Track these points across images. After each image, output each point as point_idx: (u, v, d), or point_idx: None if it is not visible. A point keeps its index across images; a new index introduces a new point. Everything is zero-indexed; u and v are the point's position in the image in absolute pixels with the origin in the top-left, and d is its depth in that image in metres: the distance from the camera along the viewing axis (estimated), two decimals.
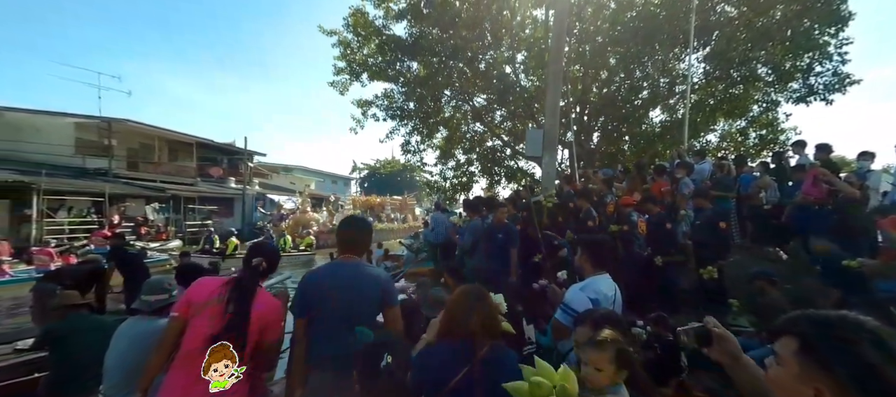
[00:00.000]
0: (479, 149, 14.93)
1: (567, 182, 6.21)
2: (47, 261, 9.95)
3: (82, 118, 16.87)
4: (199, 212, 19.95)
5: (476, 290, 1.68)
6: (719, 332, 1.06)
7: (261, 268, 1.89)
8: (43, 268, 9.55)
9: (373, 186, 41.96)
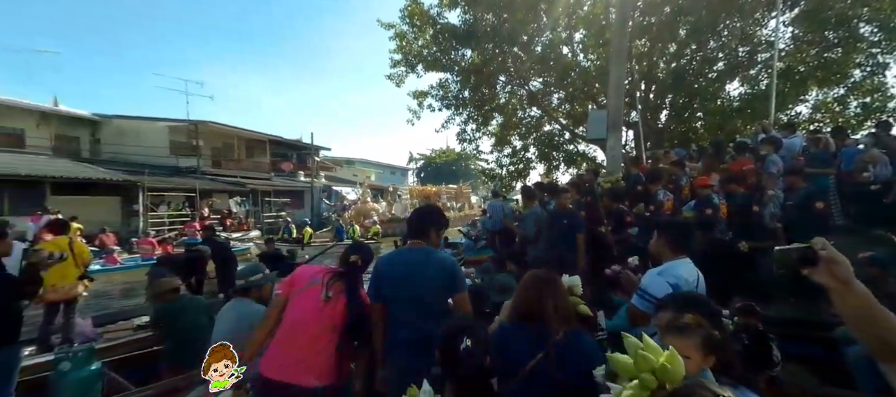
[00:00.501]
0: (536, 134, 14.53)
1: (634, 164, 5.86)
2: (150, 250, 11.39)
3: (173, 122, 18.97)
4: (273, 204, 21.66)
5: (546, 275, 1.67)
6: (829, 254, 0.94)
7: (358, 264, 2.06)
8: (147, 256, 10.97)
9: (429, 176, 42.70)
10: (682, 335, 1.31)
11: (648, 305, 1.99)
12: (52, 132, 16.84)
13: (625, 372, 1.13)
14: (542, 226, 4.71)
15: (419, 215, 2.15)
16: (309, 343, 1.89)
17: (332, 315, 1.94)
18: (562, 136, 14.46)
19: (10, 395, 2.78)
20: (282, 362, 1.87)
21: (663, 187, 4.74)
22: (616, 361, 1.15)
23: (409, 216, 2.25)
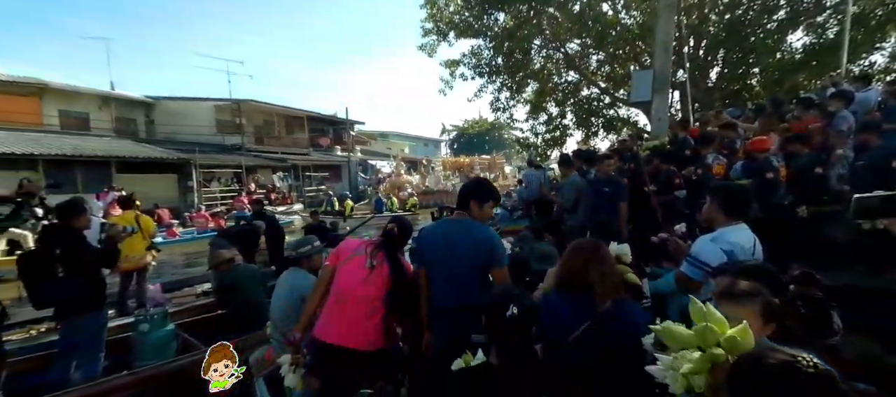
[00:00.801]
0: (573, 99, 13.97)
1: (682, 127, 5.50)
2: (204, 223, 12.22)
3: (218, 101, 19.83)
4: (313, 178, 22.45)
5: (592, 244, 1.63)
6: None
7: (395, 232, 2.15)
8: (202, 229, 11.79)
9: (462, 147, 42.47)
10: (739, 302, 1.26)
11: (699, 273, 1.93)
12: (113, 114, 18.10)
13: (678, 342, 1.10)
14: (581, 195, 4.60)
15: (464, 187, 2.16)
16: (357, 310, 2.01)
17: (376, 283, 2.04)
18: (601, 101, 13.82)
19: (102, 351, 3.14)
20: (333, 327, 2.01)
21: (715, 151, 4.46)
22: (670, 332, 1.12)
23: (444, 188, 2.29)
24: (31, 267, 2.94)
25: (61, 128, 16.05)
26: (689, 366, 1.00)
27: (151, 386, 3.13)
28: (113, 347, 3.44)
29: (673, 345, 1.13)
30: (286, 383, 2.13)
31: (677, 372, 1.02)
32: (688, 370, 1.00)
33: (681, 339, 1.10)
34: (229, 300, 3.92)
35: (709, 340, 1.02)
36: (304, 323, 2.15)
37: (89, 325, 3.05)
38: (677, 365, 1.06)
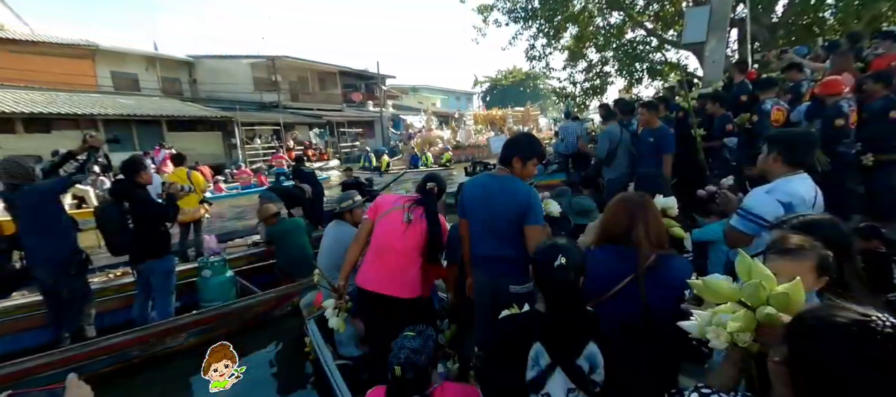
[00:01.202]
0: (616, 43, 13.00)
1: (739, 70, 5.01)
2: (247, 179, 12.82)
3: (254, 58, 20.13)
4: (347, 134, 22.78)
5: (638, 198, 1.57)
6: None
7: (434, 191, 2.22)
8: (245, 184, 12.39)
9: (495, 99, 41.25)
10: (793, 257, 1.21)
11: (753, 226, 1.83)
12: (159, 74, 18.88)
13: (719, 297, 1.07)
14: (618, 146, 4.41)
15: (508, 143, 2.13)
16: (396, 260, 2.12)
17: (414, 236, 2.14)
18: (647, 44, 12.79)
19: (173, 293, 3.50)
20: (374, 276, 2.13)
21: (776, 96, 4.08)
22: (711, 287, 1.09)
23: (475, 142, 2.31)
24: (106, 218, 3.25)
25: (115, 88, 16.99)
26: (736, 324, 0.98)
27: (217, 324, 3.51)
28: (182, 289, 3.85)
29: (713, 300, 1.10)
30: (330, 325, 2.31)
31: (719, 327, 1.00)
32: (735, 328, 0.98)
33: (721, 294, 1.07)
34: (279, 250, 4.20)
35: (759, 297, 0.99)
36: (345, 272, 2.29)
37: (159, 270, 3.38)
38: (717, 320, 1.04)
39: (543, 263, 1.25)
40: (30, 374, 2.67)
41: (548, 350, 1.18)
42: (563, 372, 1.16)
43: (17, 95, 12.81)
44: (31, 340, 3.22)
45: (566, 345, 1.20)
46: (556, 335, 1.20)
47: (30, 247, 3.05)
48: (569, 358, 1.18)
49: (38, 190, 2.91)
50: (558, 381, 1.15)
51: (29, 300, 3.52)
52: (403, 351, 1.53)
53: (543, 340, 1.19)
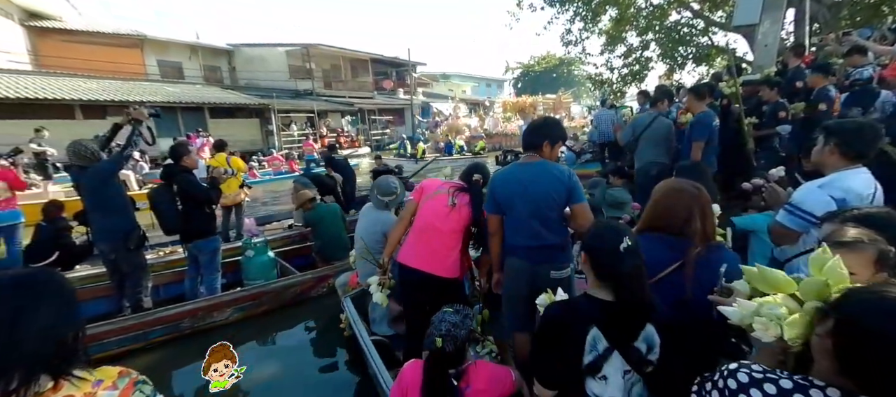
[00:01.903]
0: (658, 26, 12.37)
1: (795, 55, 4.66)
2: (279, 164, 13.23)
3: (289, 46, 20.62)
4: (378, 122, 23.06)
5: (693, 190, 1.48)
6: None
7: (480, 183, 2.24)
8: (277, 171, 12.81)
9: (527, 86, 40.37)
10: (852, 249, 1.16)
11: (800, 222, 1.74)
12: (201, 63, 19.71)
13: (772, 288, 1.04)
14: (641, 133, 4.24)
15: (536, 127, 2.10)
16: (438, 241, 2.18)
17: (457, 219, 2.18)
18: (693, 27, 12.10)
19: (219, 270, 3.73)
20: (416, 254, 2.20)
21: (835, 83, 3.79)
22: (765, 276, 1.06)
23: (503, 131, 2.28)
24: (157, 199, 3.48)
25: (161, 76, 17.91)
26: (794, 330, 0.94)
27: (259, 301, 3.72)
28: (227, 267, 4.11)
29: (764, 289, 1.07)
30: (375, 299, 2.41)
31: (770, 321, 0.98)
32: (793, 333, 0.95)
33: (778, 285, 1.04)
34: (316, 234, 4.37)
35: (821, 294, 0.96)
36: (390, 250, 2.40)
37: (206, 249, 3.61)
38: (766, 311, 1.01)
39: (609, 250, 1.18)
40: (94, 340, 2.93)
41: (606, 334, 1.17)
42: (620, 355, 1.16)
43: (75, 83, 13.75)
44: (98, 308, 3.53)
45: (627, 330, 1.19)
46: (620, 321, 1.18)
47: (94, 223, 3.32)
48: (628, 341, 1.18)
49: (100, 170, 3.14)
50: (615, 363, 1.16)
51: (96, 271, 3.84)
52: (444, 323, 1.59)
53: (602, 326, 1.17)
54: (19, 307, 0.77)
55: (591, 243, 1.27)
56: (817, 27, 9.10)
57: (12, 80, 12.30)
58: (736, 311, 1.04)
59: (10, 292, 0.78)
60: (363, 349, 2.30)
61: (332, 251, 4.16)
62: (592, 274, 1.25)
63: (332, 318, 3.48)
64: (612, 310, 1.19)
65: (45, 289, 0.82)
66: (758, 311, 1.02)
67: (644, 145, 4.15)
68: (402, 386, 1.62)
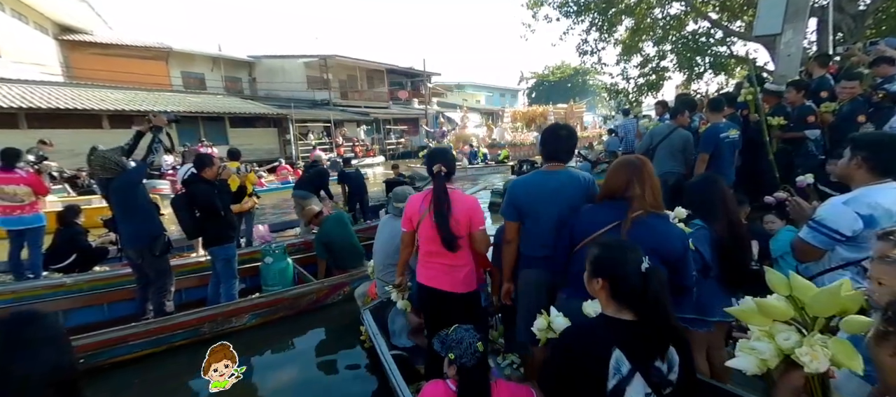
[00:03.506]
0: (675, 35, 12.26)
1: (820, 64, 4.56)
2: (286, 175, 13.34)
3: (307, 58, 21.10)
4: (393, 131, 23.30)
5: (636, 160, 1.76)
6: None
7: (442, 172, 2.10)
8: (283, 180, 12.88)
9: (541, 96, 40.32)
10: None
11: (825, 240, 1.69)
12: (222, 74, 20.31)
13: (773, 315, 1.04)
14: (658, 143, 4.19)
15: (555, 137, 2.07)
16: (444, 260, 2.12)
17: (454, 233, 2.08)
18: (711, 36, 11.95)
19: (236, 277, 3.79)
20: (429, 274, 2.18)
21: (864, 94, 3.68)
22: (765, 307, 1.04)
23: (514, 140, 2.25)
24: (176, 206, 3.59)
25: (184, 87, 18.49)
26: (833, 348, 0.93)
27: (276, 307, 3.77)
28: (246, 273, 4.21)
29: (762, 323, 1.06)
30: (398, 306, 2.47)
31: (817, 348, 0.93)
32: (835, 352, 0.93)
33: (777, 313, 1.03)
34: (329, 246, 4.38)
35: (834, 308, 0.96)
36: (400, 270, 2.44)
37: (221, 256, 3.68)
38: (786, 342, 0.98)
39: (632, 274, 1.15)
40: (117, 343, 3.01)
41: (628, 356, 1.12)
42: (641, 377, 1.12)
43: (103, 94, 14.29)
44: (123, 310, 3.64)
45: (654, 351, 1.14)
46: (645, 343, 1.14)
47: (122, 230, 3.43)
48: (650, 363, 1.14)
49: (125, 179, 3.26)
50: (636, 387, 1.12)
51: (122, 273, 3.97)
52: (471, 346, 1.58)
53: (625, 347, 1.12)
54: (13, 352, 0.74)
55: (610, 269, 1.19)
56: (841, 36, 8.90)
57: (45, 91, 12.86)
58: (746, 361, 1.03)
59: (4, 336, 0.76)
60: (383, 364, 2.30)
61: (345, 259, 4.21)
62: (611, 299, 1.19)
63: (348, 325, 3.50)
64: (637, 331, 1.14)
65: (39, 334, 0.79)
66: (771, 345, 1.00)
67: (661, 155, 4.10)
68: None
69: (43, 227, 4.61)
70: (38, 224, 4.55)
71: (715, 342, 2.13)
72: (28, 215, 4.48)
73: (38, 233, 4.56)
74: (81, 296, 3.76)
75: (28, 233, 4.49)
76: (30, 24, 14.73)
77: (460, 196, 2.14)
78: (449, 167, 2.13)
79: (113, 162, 3.27)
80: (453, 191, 2.13)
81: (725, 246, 1.91)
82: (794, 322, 1.01)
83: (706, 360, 2.11)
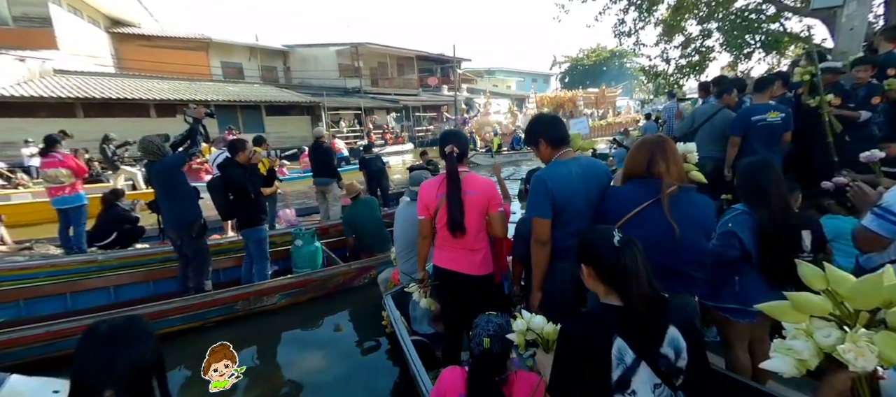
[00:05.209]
0: (722, 13, 11.41)
1: (888, 38, 4.08)
2: (307, 162, 13.51)
3: (339, 46, 21.37)
4: (423, 118, 23.31)
5: (656, 138, 1.70)
6: None
7: (454, 153, 2.04)
8: (305, 168, 13.05)
9: (575, 80, 38.99)
10: None
11: (892, 228, 1.52)
12: (259, 64, 20.94)
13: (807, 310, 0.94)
14: (701, 124, 3.93)
15: (555, 124, 1.94)
16: (463, 242, 2.08)
17: (470, 219, 2.03)
18: (761, 12, 11.06)
19: (267, 258, 3.92)
20: (447, 256, 2.15)
21: None
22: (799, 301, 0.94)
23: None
24: (211, 189, 3.73)
25: (224, 77, 19.22)
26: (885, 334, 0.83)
27: (304, 288, 3.88)
28: (278, 255, 4.38)
29: (796, 320, 0.97)
30: (422, 305, 2.43)
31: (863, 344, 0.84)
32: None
33: (812, 308, 0.93)
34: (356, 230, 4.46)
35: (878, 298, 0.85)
36: (421, 265, 2.36)
37: (252, 237, 3.81)
38: (824, 339, 0.89)
39: (606, 251, 1.13)
40: (160, 317, 3.20)
41: (630, 344, 1.07)
42: (647, 366, 1.07)
43: (150, 84, 15.11)
44: (168, 287, 3.89)
45: (649, 335, 1.09)
46: (639, 326, 1.09)
47: (164, 212, 3.63)
48: (654, 349, 1.09)
49: (167, 164, 3.43)
50: (643, 377, 1.07)
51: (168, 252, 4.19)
52: (491, 324, 1.55)
53: (624, 335, 1.08)
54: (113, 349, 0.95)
55: (587, 252, 1.20)
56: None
57: (98, 81, 13.74)
58: (784, 363, 0.93)
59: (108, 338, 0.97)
60: (404, 350, 2.31)
61: (372, 243, 4.27)
62: (600, 283, 1.17)
63: (374, 308, 3.56)
64: (628, 315, 1.10)
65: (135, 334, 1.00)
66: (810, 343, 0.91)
67: (701, 138, 3.86)
68: (441, 392, 1.60)
69: (83, 206, 5.00)
70: (78, 202, 4.93)
71: (758, 334, 1.99)
72: (69, 195, 4.86)
73: (79, 211, 4.95)
74: (130, 273, 4.01)
75: (71, 212, 4.89)
76: (84, 18, 15.71)
77: (475, 178, 2.08)
78: (462, 148, 2.07)
79: (155, 145, 3.44)
80: (468, 174, 2.09)
81: (768, 234, 1.76)
82: (834, 317, 0.91)
83: (747, 353, 1.99)
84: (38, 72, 12.77)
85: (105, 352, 0.94)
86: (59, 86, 12.32)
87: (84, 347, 0.94)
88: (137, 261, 4.29)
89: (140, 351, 0.97)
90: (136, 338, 0.99)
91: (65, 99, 11.88)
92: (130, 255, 4.41)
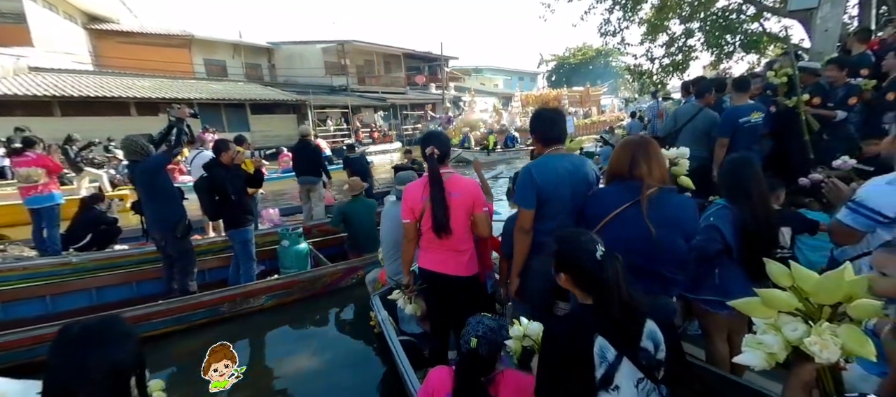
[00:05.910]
0: (704, 13, 11.66)
1: (860, 40, 4.24)
2: (287, 162, 13.23)
3: (325, 43, 21.14)
4: (410, 117, 23.22)
5: (639, 139, 1.74)
6: None
7: (434, 155, 2.05)
8: (285, 168, 12.83)
9: (561, 79, 39.30)
10: None
11: (866, 222, 1.60)
12: (243, 61, 20.58)
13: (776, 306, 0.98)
14: (682, 125, 4.01)
15: (554, 121, 2.00)
16: (448, 243, 2.08)
17: (456, 219, 2.04)
18: (741, 12, 11.33)
19: (253, 259, 3.87)
20: (433, 259, 2.15)
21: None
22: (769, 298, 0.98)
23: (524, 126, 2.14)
24: (197, 190, 3.67)
25: (207, 74, 18.84)
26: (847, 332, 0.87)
27: (291, 289, 3.84)
28: (265, 255, 4.31)
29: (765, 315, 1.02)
30: (407, 312, 2.45)
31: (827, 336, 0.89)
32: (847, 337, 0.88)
33: (779, 303, 0.97)
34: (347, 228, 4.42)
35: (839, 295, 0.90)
36: (406, 269, 2.34)
37: (237, 238, 3.74)
38: (793, 332, 0.93)
39: (590, 263, 1.16)
40: (143, 320, 3.13)
41: (611, 342, 1.11)
42: (629, 361, 1.10)
43: (130, 82, 14.72)
44: (151, 289, 3.80)
45: (628, 331, 1.13)
46: (617, 323, 1.12)
47: (147, 212, 3.56)
48: (634, 344, 1.12)
49: (151, 163, 3.36)
50: (626, 372, 1.10)
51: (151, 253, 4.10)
52: (481, 325, 1.56)
53: (604, 333, 1.11)
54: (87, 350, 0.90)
55: (567, 262, 1.23)
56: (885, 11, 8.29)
57: (76, 79, 13.33)
58: (754, 356, 0.98)
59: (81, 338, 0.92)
60: (391, 350, 2.31)
61: (362, 243, 4.25)
62: (577, 289, 1.22)
63: (362, 309, 3.54)
64: (606, 315, 1.14)
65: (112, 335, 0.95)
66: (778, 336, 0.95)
67: (684, 138, 3.93)
68: (428, 391, 1.61)
69: (56, 206, 4.81)
70: (51, 202, 4.76)
71: (737, 326, 2.05)
72: (42, 194, 4.71)
73: (52, 211, 4.76)
74: (112, 274, 3.92)
75: (43, 211, 4.71)
76: (60, 13, 15.22)
77: (458, 179, 2.10)
78: (443, 149, 2.08)
79: (139, 145, 3.37)
80: (452, 175, 2.09)
81: (748, 230, 1.82)
82: (800, 312, 0.97)
83: (726, 344, 2.05)
84: (12, 69, 12.34)
85: (79, 354, 0.89)
86: (34, 83, 11.93)
87: (56, 349, 0.90)
88: (114, 262, 4.20)
89: (117, 353, 0.92)
90: (111, 340, 0.93)
91: (41, 97, 11.51)
92: (106, 257, 4.32)
